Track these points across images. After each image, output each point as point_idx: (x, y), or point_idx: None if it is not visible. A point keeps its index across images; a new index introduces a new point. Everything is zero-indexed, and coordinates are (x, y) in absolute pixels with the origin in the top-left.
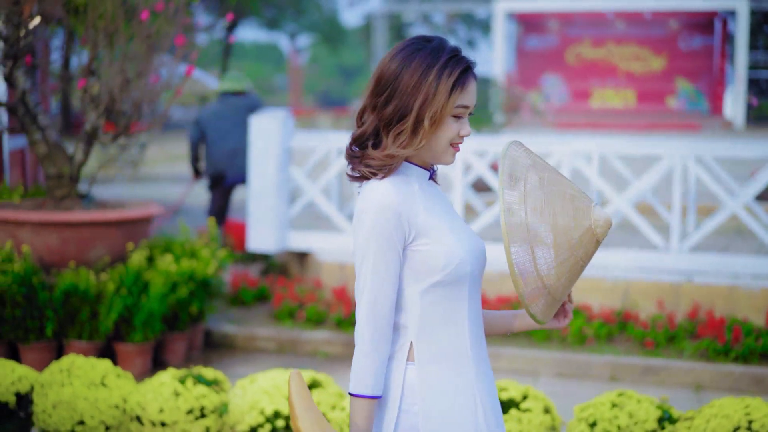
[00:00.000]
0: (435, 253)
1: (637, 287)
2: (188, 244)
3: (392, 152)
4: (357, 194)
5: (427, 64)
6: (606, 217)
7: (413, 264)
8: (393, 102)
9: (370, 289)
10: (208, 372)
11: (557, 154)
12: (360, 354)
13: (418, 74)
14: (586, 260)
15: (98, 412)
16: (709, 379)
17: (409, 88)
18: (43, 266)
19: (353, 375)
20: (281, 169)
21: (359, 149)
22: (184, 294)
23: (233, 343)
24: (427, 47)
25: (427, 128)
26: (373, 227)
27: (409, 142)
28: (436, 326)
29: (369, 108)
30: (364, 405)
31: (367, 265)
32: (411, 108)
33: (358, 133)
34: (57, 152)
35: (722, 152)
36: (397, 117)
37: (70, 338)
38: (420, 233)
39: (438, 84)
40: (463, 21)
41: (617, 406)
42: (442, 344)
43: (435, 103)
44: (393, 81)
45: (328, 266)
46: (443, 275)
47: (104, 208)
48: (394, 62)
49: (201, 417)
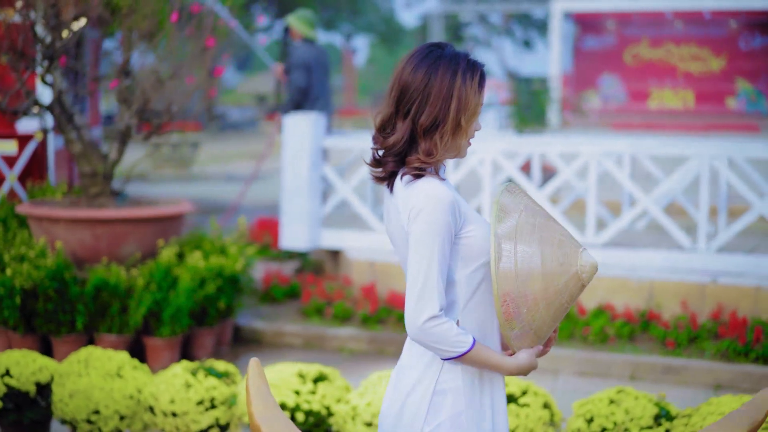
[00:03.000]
0: (480, 238)
1: (662, 287)
2: (218, 241)
3: (440, 157)
4: (390, 194)
5: (452, 70)
6: (592, 261)
7: (463, 249)
8: (428, 109)
9: (434, 270)
10: (219, 365)
11: (585, 155)
12: (435, 325)
13: (447, 81)
14: (571, 302)
15: (113, 401)
16: (729, 379)
17: (443, 95)
18: (76, 262)
19: (446, 345)
20: (314, 167)
21: (392, 157)
22: (211, 290)
23: (261, 338)
24: (445, 54)
25: (465, 129)
26: (435, 221)
27: (452, 142)
28: (478, 304)
29: (396, 116)
30: (476, 354)
31: (430, 254)
32: (448, 112)
33: (392, 141)
34: (91, 151)
35: (753, 153)
36: (437, 123)
37: (100, 332)
38: (467, 221)
39: (466, 87)
40: (519, 21)
41: (614, 402)
42: (481, 320)
43: (469, 105)
44: (423, 89)
45: (358, 264)
46: (487, 257)
47: (137, 206)
48: (419, 72)
49: (211, 408)
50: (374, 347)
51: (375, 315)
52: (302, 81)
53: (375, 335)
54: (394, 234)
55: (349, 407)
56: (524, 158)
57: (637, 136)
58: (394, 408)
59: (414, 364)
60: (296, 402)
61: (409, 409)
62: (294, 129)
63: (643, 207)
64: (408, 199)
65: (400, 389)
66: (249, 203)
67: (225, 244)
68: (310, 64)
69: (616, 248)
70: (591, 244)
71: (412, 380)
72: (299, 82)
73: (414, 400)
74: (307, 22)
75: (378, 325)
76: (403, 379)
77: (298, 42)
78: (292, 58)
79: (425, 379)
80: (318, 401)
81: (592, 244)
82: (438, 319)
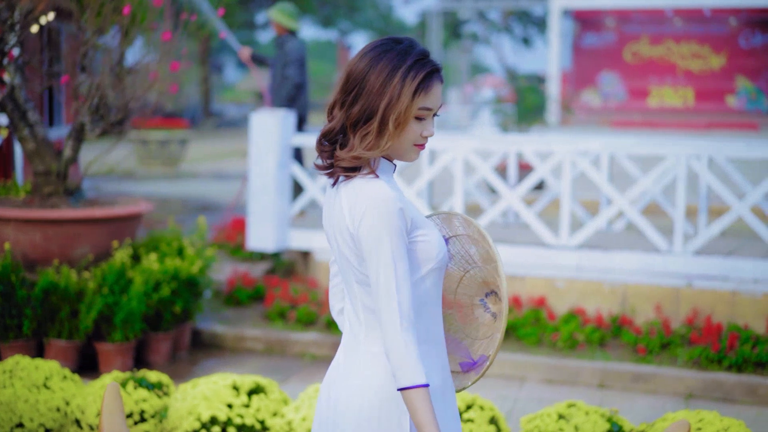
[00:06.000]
0: (431, 242)
1: (636, 291)
2: (176, 242)
3: (358, 154)
4: (331, 187)
5: (393, 66)
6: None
7: (413, 255)
8: (359, 102)
9: (396, 279)
10: (152, 375)
11: (559, 154)
12: (400, 345)
13: (383, 76)
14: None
15: (38, 414)
16: (701, 388)
17: (375, 89)
18: (27, 264)
19: (401, 369)
20: (281, 166)
21: (329, 144)
22: (166, 293)
23: (222, 343)
24: (396, 49)
25: (391, 130)
26: (384, 222)
27: (375, 143)
28: (423, 310)
29: (338, 104)
30: (425, 394)
31: (385, 258)
32: (376, 109)
33: (327, 128)
34: (45, 149)
35: (733, 152)
36: (363, 118)
37: (49, 337)
38: (415, 225)
39: (402, 87)
40: (518, 18)
41: (564, 417)
42: (428, 327)
43: (399, 106)
44: (360, 81)
45: (325, 266)
46: (436, 262)
47: (93, 206)
48: (363, 62)
49: (140, 422)
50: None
51: None
52: (298, 76)
53: (339, 340)
54: (333, 227)
55: (284, 422)
56: (501, 157)
57: (636, 134)
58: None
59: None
60: (228, 416)
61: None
62: (261, 126)
63: (619, 207)
64: (350, 199)
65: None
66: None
67: (183, 246)
68: (304, 59)
69: (590, 250)
70: (564, 246)
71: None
72: (295, 78)
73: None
74: (289, 15)
75: None
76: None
77: (287, 36)
78: (288, 54)
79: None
80: (252, 415)
81: (565, 246)
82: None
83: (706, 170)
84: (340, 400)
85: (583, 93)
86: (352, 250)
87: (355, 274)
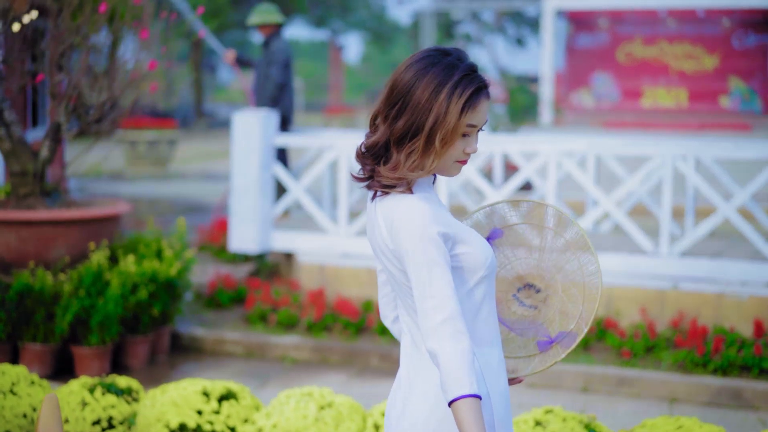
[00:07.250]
0: (475, 252)
1: (621, 294)
2: (155, 244)
3: (403, 175)
4: (371, 200)
5: (439, 81)
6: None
7: (458, 270)
8: (404, 116)
9: (441, 288)
10: (122, 380)
11: (544, 155)
12: (451, 354)
13: (429, 90)
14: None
15: (3, 421)
16: (685, 392)
17: (421, 104)
18: (2, 266)
19: (450, 379)
20: (264, 167)
21: (371, 158)
22: (144, 296)
23: (202, 346)
24: (443, 61)
25: (438, 148)
26: (424, 236)
27: (420, 162)
28: (478, 318)
29: (381, 115)
30: (475, 405)
31: (430, 270)
32: (422, 126)
33: (372, 141)
34: (21, 149)
35: (720, 153)
36: (410, 134)
37: (24, 341)
38: (457, 241)
39: (449, 104)
40: (511, 19)
41: (540, 424)
42: (482, 334)
43: (446, 124)
44: (405, 94)
45: (307, 268)
46: (485, 269)
47: (70, 207)
48: (408, 73)
49: (109, 428)
50: (318, 356)
51: (321, 322)
52: (281, 77)
53: (319, 343)
54: (375, 242)
55: (255, 428)
56: (487, 157)
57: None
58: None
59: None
60: (197, 422)
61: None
62: (243, 126)
63: (605, 208)
64: (386, 218)
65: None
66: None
67: (162, 247)
68: (289, 60)
69: None
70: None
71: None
72: (278, 78)
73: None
74: (267, 12)
75: (323, 332)
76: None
77: (273, 36)
78: (272, 54)
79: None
80: (222, 422)
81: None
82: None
83: (693, 171)
84: (405, 413)
85: (576, 93)
86: (396, 266)
87: (406, 289)
